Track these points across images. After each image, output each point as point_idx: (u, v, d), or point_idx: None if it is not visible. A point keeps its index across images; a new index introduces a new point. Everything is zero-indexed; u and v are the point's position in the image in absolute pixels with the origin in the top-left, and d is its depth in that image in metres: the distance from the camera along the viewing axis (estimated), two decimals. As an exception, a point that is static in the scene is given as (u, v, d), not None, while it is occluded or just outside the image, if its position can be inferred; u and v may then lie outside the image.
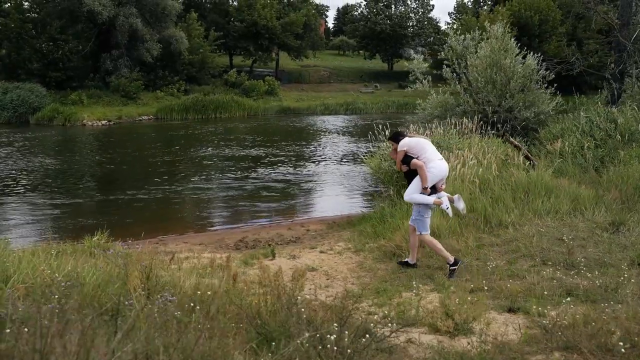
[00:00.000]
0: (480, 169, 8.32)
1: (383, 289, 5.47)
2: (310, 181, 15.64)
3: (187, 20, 43.94)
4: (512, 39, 13.20)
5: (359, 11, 65.72)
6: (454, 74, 13.91)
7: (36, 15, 41.41)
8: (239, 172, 16.44)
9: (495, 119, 12.87)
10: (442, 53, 14.01)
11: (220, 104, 38.31)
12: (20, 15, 40.24)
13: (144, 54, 38.51)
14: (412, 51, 71.93)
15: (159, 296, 4.22)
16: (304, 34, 53.08)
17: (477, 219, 7.25)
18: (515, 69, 12.73)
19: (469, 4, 69.05)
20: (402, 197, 7.65)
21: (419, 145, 6.14)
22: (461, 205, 6.33)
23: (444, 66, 13.79)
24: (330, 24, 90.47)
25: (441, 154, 6.56)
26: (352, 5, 71.27)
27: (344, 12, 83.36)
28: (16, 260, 4.53)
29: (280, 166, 17.56)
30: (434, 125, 11.91)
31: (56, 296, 4.02)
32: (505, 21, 13.70)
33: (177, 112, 36.37)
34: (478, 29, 14.50)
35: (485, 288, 5.12)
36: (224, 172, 16.55)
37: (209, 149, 21.61)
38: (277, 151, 21.13)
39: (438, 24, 67.91)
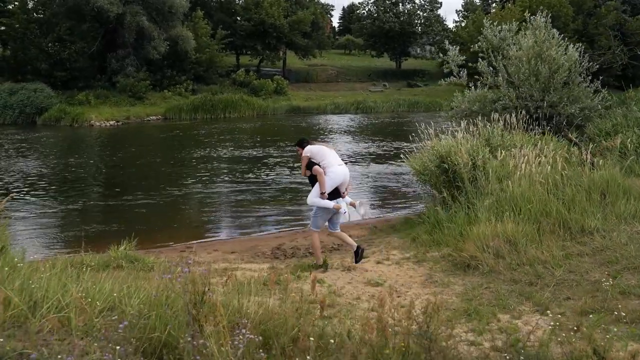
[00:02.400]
0: (548, 168, 7.48)
1: (473, 309, 4.63)
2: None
3: (193, 18, 43.18)
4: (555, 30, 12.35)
5: (366, 9, 64.87)
6: (490, 67, 13.05)
7: (42, 16, 40.74)
8: (258, 174, 15.61)
9: (539, 114, 12.01)
10: (476, 45, 13.14)
11: (229, 103, 37.53)
12: (25, 16, 39.61)
13: (151, 52, 37.75)
14: (419, 49, 71.58)
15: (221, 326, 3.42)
16: (312, 33, 52.25)
17: (553, 224, 6.40)
18: (559, 61, 11.86)
19: (477, 1, 68.28)
20: (457, 200, 7.63)
21: (321, 152, 6.54)
22: (362, 210, 6.72)
23: (479, 59, 12.92)
24: (336, 23, 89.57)
25: (496, 152, 6.77)
26: (358, 3, 70.18)
27: (350, 11, 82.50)
28: (43, 281, 3.70)
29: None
30: (475, 120, 11.00)
31: (102, 330, 3.22)
32: (545, 12, 12.79)
33: (185, 112, 35.64)
34: (515, 20, 13.66)
35: (599, 309, 4.28)
36: (243, 174, 15.72)
37: (223, 149, 20.80)
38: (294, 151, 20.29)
39: (445, 22, 67.09)
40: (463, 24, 60.34)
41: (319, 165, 6.42)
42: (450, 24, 77.06)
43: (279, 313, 4.00)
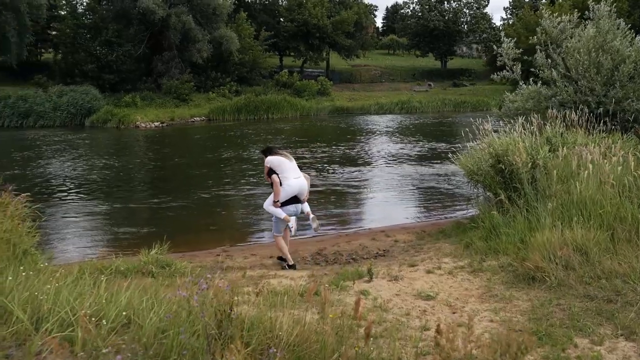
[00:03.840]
0: (619, 168, 6.68)
1: (544, 331, 3.97)
2: (379, 183, 14.20)
3: (236, 20, 43.31)
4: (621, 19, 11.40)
5: (411, 8, 63.75)
6: (548, 60, 12.18)
7: (90, 20, 41.69)
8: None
9: (601, 111, 11.07)
10: (535, 37, 12.29)
11: (272, 104, 37.41)
12: (75, 21, 40.62)
13: (195, 54, 38.05)
14: (465, 48, 69.90)
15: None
16: (355, 33, 51.65)
17: (629, 232, 5.64)
18: (624, 52, 10.90)
19: (526, -1, 66.13)
20: (514, 203, 7.05)
21: (281, 165, 6.90)
22: (314, 224, 7.04)
23: (537, 51, 12.07)
24: (379, 23, 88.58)
25: (557, 151, 6.61)
26: (402, 3, 69.07)
27: (394, 11, 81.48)
28: (51, 292, 3.28)
29: (344, 167, 16.19)
30: (530, 118, 10.20)
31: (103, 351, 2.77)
32: (614, 4, 11.86)
33: (229, 113, 35.73)
34: (577, 10, 12.73)
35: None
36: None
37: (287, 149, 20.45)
38: (339, 151, 19.77)
39: (492, 20, 65.20)
40: (511, 22, 58.60)
41: (277, 175, 6.83)
42: (498, 22, 75.12)
43: (318, 332, 3.48)
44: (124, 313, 3.35)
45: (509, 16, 65.22)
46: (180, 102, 37.08)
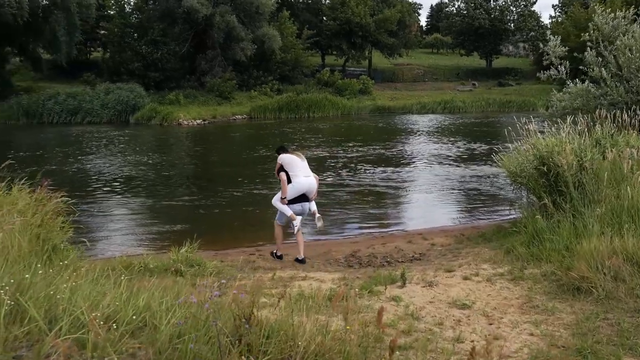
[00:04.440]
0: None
1: (589, 349, 3.66)
2: (419, 184, 13.87)
3: (279, 19, 43.45)
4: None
5: (455, 6, 62.59)
6: (598, 59, 11.61)
7: (137, 20, 42.65)
8: (335, 174, 14.94)
9: (656, 111, 10.46)
10: (587, 34, 11.74)
11: (313, 102, 37.33)
12: (122, 20, 41.61)
13: (239, 53, 38.35)
14: (511, 46, 68.15)
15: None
16: (398, 32, 51.05)
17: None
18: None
19: (576, -5, 63.94)
20: (560, 207, 6.74)
21: (292, 162, 7.11)
22: (319, 224, 7.19)
23: (588, 49, 11.52)
24: (423, 21, 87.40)
25: (607, 152, 6.59)
26: (447, 1, 67.87)
27: (438, 9, 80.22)
28: (68, 290, 3.19)
29: (382, 167, 15.91)
30: (577, 117, 9.70)
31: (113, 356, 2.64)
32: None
33: (270, 112, 35.83)
34: (633, 7, 12.12)
35: None
36: (321, 174, 15.11)
37: (303, 148, 20.32)
38: (377, 151, 19.49)
39: (540, 18, 63.25)
40: (559, 20, 56.79)
41: (287, 173, 7.07)
42: (546, 20, 73.03)
43: (342, 340, 3.28)
44: (141, 315, 3.25)
45: (557, 14, 63.26)
46: (222, 100, 37.45)
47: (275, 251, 7.32)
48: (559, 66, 11.87)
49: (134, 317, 3.21)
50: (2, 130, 29.33)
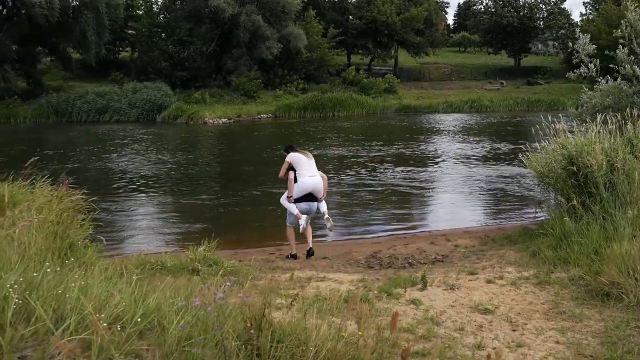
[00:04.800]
0: None
1: (619, 359, 3.47)
2: (443, 184, 13.65)
3: (305, 18, 43.43)
4: None
5: (483, 4, 61.67)
6: (631, 56, 11.25)
7: (164, 19, 43.16)
8: (357, 173, 14.78)
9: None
10: (619, 30, 11.38)
11: (338, 101, 37.20)
12: (150, 20, 42.14)
13: (264, 52, 38.42)
14: (540, 45, 66.86)
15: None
16: (425, 30, 50.54)
17: None
18: None
19: (608, -8, 62.35)
20: (589, 209, 6.50)
21: (299, 161, 7.18)
22: (328, 224, 7.23)
23: (620, 46, 11.16)
24: (450, 20, 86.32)
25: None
26: (474, -1, 67.01)
27: (466, 8, 79.20)
28: (77, 289, 3.14)
29: (404, 167, 15.69)
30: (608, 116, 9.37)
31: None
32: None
33: (295, 110, 35.83)
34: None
35: None
36: (341, 172, 14.99)
37: (325, 148, 20.25)
38: (401, 150, 19.27)
39: (571, 16, 61.92)
40: (590, 17, 55.48)
41: (294, 172, 7.17)
42: (576, 18, 71.48)
43: (356, 346, 3.16)
44: (151, 315, 3.18)
45: (588, 11, 61.81)
46: (247, 99, 37.59)
47: (289, 252, 7.36)
48: (589, 64, 11.54)
49: (143, 317, 3.15)
50: (33, 128, 29.94)
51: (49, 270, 3.32)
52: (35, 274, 3.22)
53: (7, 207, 5.32)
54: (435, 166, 16.13)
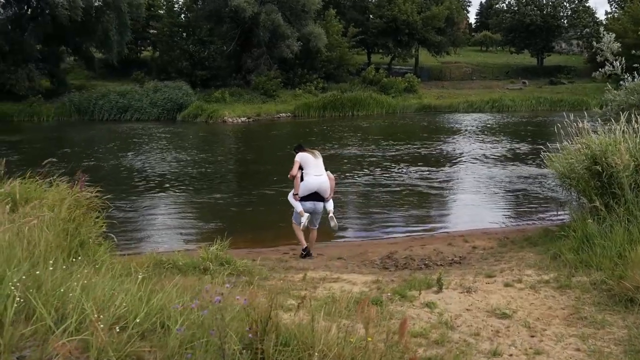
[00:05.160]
0: None
1: (643, 370, 3.31)
2: (462, 184, 13.43)
3: (325, 17, 43.34)
4: None
5: (506, 2, 60.84)
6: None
7: (185, 19, 43.49)
8: (374, 173, 14.59)
9: None
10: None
11: (357, 101, 37.04)
12: (171, 20, 42.48)
13: (285, 50, 38.42)
14: (564, 44, 65.76)
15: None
16: (446, 29, 50.05)
17: None
18: None
19: (636, -11, 61.00)
20: (613, 211, 6.35)
21: (306, 160, 7.31)
22: (332, 223, 7.33)
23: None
24: (472, 19, 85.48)
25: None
26: (497, -3, 66.13)
27: (488, 6, 78.29)
28: (80, 288, 3.07)
29: (423, 167, 15.48)
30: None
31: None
32: None
33: (314, 110, 35.77)
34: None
35: None
36: (358, 172, 14.83)
37: (342, 147, 20.11)
38: (419, 150, 19.05)
39: (595, 14, 60.73)
40: (616, 15, 54.38)
41: (302, 171, 7.30)
42: (601, 16, 70.12)
43: (365, 351, 3.04)
44: (155, 316, 3.10)
45: (614, 9, 60.61)
46: (267, 98, 37.64)
47: (301, 250, 7.36)
48: (614, 62, 11.26)
49: (147, 318, 3.08)
50: (55, 126, 30.34)
51: (51, 268, 3.26)
52: (37, 272, 3.16)
53: (19, 204, 5.31)
54: (454, 166, 15.90)
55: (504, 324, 4.21)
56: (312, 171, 7.25)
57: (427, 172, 14.64)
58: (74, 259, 4.22)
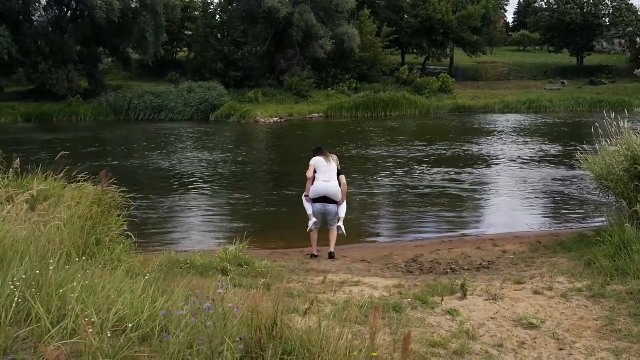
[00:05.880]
0: None
1: (682, 389, 3.03)
2: (495, 186, 13.04)
3: (359, 17, 43.09)
4: None
5: (545, 1, 59.32)
6: None
7: (219, 20, 43.94)
8: (403, 175, 14.31)
9: None
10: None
11: (390, 101, 36.69)
12: (206, 21, 42.98)
13: (318, 51, 38.35)
14: (605, 43, 63.79)
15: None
16: (482, 28, 49.10)
17: None
18: None
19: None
20: None
21: (319, 164, 7.43)
22: (339, 232, 7.39)
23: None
24: (510, 18, 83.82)
25: None
26: (536, -4, 64.53)
27: (526, 5, 76.61)
28: (77, 289, 2.98)
29: (454, 168, 15.10)
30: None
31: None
32: None
33: (346, 110, 35.57)
34: None
35: None
36: (387, 173, 14.58)
37: (374, 148, 19.86)
38: (452, 152, 18.65)
39: (639, 12, 58.65)
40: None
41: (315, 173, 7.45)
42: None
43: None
44: (156, 320, 2.99)
45: (660, 6, 58.50)
46: (300, 98, 37.64)
47: (312, 252, 7.35)
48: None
49: (148, 321, 2.97)
50: (91, 126, 30.96)
51: (53, 268, 3.18)
52: (38, 272, 3.08)
53: (38, 201, 5.30)
54: (487, 168, 15.48)
55: (530, 335, 3.96)
56: (322, 177, 7.41)
57: (458, 174, 14.30)
58: (85, 258, 4.15)
